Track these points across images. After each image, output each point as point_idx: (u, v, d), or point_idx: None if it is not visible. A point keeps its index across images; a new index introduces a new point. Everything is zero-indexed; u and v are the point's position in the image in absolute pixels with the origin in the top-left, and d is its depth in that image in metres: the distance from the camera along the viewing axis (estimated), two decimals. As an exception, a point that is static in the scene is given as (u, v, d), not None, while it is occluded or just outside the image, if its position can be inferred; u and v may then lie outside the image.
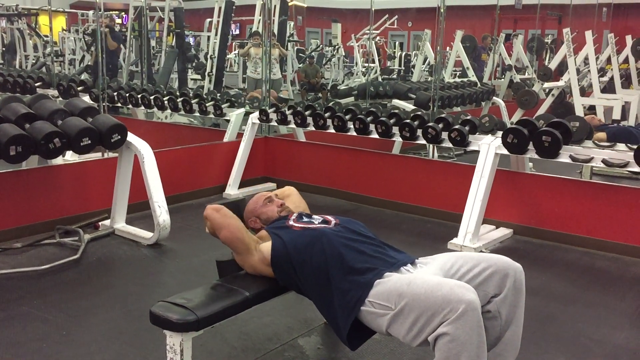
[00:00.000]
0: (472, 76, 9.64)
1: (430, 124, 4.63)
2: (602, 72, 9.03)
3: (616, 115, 7.32)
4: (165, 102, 6.36)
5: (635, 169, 3.88)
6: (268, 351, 2.76)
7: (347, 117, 5.08)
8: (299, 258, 2.33)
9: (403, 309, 2.03)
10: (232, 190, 5.53)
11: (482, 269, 2.19)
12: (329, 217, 2.55)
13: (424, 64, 11.49)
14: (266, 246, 2.44)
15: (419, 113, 4.99)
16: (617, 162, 3.95)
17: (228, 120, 6.03)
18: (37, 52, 12.80)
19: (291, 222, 2.51)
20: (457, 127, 4.50)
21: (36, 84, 7.40)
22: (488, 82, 9.71)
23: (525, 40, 12.94)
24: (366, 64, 12.45)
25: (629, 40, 8.79)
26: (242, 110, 6.03)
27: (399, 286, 2.08)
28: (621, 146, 4.37)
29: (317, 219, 2.54)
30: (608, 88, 8.44)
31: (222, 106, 6.06)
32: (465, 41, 10.54)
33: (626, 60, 9.10)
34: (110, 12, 14.36)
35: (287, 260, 2.36)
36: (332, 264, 2.24)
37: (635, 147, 3.90)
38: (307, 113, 5.34)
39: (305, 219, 2.54)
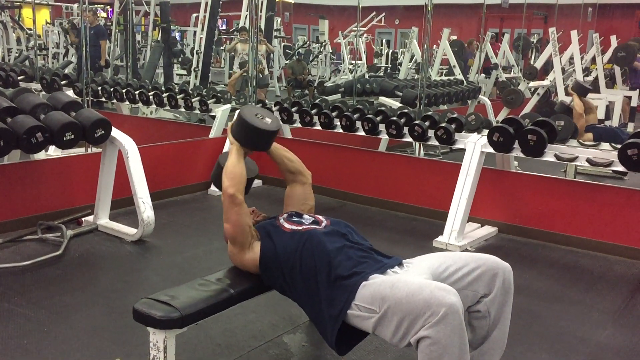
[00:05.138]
0: (458, 74, 9.68)
1: (416, 121, 4.64)
2: (586, 71, 9.10)
3: (600, 114, 7.38)
4: (151, 97, 6.31)
5: (619, 168, 3.91)
6: (252, 348, 2.75)
7: (334, 114, 5.07)
8: (288, 262, 2.31)
9: (386, 312, 2.02)
10: (218, 187, 5.49)
11: (472, 269, 2.18)
12: (320, 218, 2.52)
13: (410, 61, 11.51)
14: (257, 246, 2.42)
15: (406, 111, 4.99)
16: (601, 161, 3.98)
17: (214, 116, 5.99)
18: (20, 45, 12.66)
19: (281, 221, 2.48)
20: (443, 125, 4.51)
21: (19, 78, 7.31)
22: (473, 81, 9.76)
23: (511, 39, 13.02)
24: (353, 61, 12.45)
25: (613, 40, 8.88)
26: (228, 106, 6.00)
27: (382, 289, 2.07)
28: (605, 146, 4.40)
29: (307, 218, 2.51)
30: (592, 88, 8.51)
31: (208, 102, 6.02)
32: (454, 46, 10.58)
33: (611, 60, 9.18)
34: (95, 6, 14.22)
35: (277, 264, 2.34)
36: (320, 269, 2.22)
37: (619, 146, 3.93)
38: (293, 110, 5.33)
39: (295, 219, 2.50)
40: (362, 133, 4.92)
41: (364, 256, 2.29)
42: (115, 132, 4.15)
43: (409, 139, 4.72)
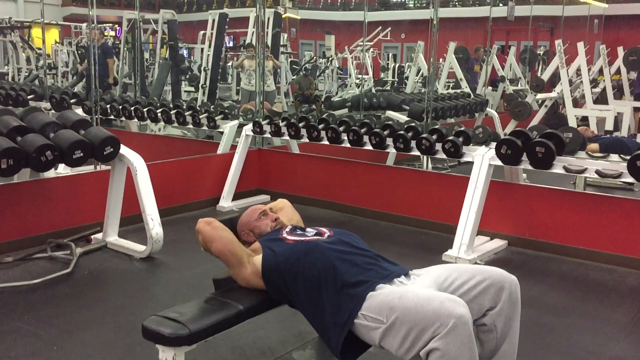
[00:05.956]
0: (465, 87, 9.69)
1: (424, 135, 4.63)
2: (594, 83, 9.08)
3: (609, 126, 7.37)
4: (159, 114, 6.34)
5: (629, 179, 3.88)
6: (262, 365, 2.74)
7: (341, 128, 5.08)
8: (290, 271, 2.31)
9: (394, 322, 2.02)
10: (226, 203, 5.51)
11: (477, 282, 2.17)
12: (323, 229, 2.53)
13: (417, 75, 11.54)
14: (258, 258, 2.42)
15: (413, 124, 4.99)
16: (610, 172, 3.95)
17: (221, 133, 6.02)
18: (30, 65, 12.80)
19: (284, 235, 2.48)
20: (451, 138, 4.51)
21: (28, 97, 7.38)
22: (480, 94, 9.76)
23: (517, 52, 13.03)
24: (360, 76, 12.48)
25: (620, 51, 8.86)
26: (235, 122, 6.03)
27: (390, 299, 2.07)
28: (614, 157, 4.38)
29: (310, 231, 2.52)
30: (600, 99, 8.49)
31: (216, 118, 6.05)
32: (458, 52, 10.60)
33: (618, 72, 9.17)
34: (104, 25, 14.38)
35: (278, 272, 2.34)
36: (325, 277, 2.22)
37: (628, 157, 3.91)
38: (301, 125, 5.34)
39: (298, 232, 2.51)
40: (369, 147, 4.92)
41: (370, 263, 2.28)
42: (124, 150, 4.17)
43: (416, 152, 4.72)
